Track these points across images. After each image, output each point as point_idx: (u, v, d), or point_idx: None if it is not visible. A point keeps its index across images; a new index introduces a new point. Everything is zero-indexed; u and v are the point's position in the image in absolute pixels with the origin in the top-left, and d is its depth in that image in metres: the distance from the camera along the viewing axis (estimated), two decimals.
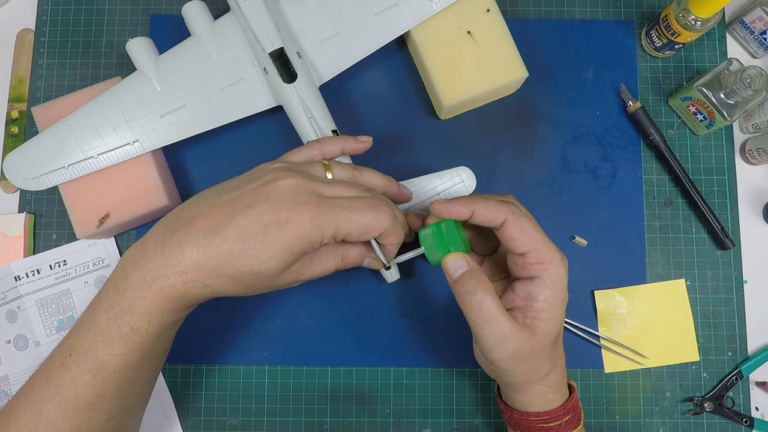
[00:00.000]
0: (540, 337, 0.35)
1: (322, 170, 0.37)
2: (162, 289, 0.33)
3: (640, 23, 0.52)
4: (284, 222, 0.32)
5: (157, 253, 0.33)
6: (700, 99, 0.47)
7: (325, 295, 0.48)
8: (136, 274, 0.33)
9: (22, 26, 0.52)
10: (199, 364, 0.48)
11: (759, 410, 0.48)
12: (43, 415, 0.33)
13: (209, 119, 0.45)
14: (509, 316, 0.35)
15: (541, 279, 0.35)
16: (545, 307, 0.35)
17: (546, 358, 0.36)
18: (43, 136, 0.44)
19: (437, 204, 0.37)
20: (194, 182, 0.50)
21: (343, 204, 0.34)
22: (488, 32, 0.46)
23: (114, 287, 0.34)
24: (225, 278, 0.33)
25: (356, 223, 0.34)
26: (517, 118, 0.50)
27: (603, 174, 0.50)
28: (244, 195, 0.34)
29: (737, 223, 0.50)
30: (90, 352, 0.33)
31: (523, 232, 0.35)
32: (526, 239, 0.35)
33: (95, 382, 0.33)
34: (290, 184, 0.34)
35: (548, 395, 0.37)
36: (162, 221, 0.35)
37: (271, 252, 0.33)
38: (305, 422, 0.47)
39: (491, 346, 0.35)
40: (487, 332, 0.35)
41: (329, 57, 0.46)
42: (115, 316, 0.33)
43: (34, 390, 0.34)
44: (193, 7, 0.45)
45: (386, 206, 0.35)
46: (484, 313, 0.34)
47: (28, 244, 0.48)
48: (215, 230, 0.33)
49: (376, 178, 0.39)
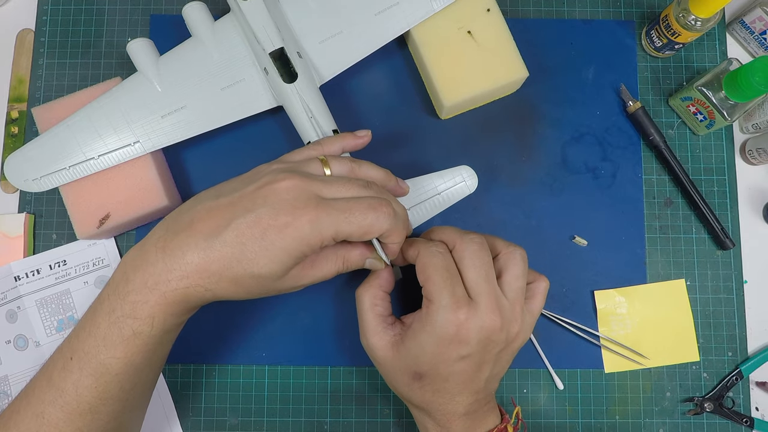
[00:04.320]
0: (396, 355, 0.38)
1: (319, 167, 0.37)
2: (164, 294, 0.33)
3: (640, 23, 0.52)
4: (283, 226, 0.32)
5: (158, 258, 0.33)
6: (700, 99, 0.47)
7: (325, 295, 0.48)
8: (138, 279, 0.33)
9: (22, 26, 0.52)
10: (199, 364, 0.48)
11: (759, 410, 0.48)
12: (45, 418, 0.33)
13: (210, 120, 0.45)
14: (379, 325, 0.39)
15: (421, 311, 0.37)
16: (411, 335, 0.37)
17: (403, 383, 0.38)
18: (44, 138, 0.44)
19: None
20: (194, 183, 0.49)
21: (342, 206, 0.33)
22: (488, 32, 0.46)
23: (115, 291, 0.34)
24: (226, 282, 0.33)
25: (356, 225, 0.33)
26: (517, 118, 0.50)
27: (603, 174, 0.50)
28: (242, 198, 0.34)
29: (737, 223, 0.50)
30: (92, 356, 0.33)
31: (422, 269, 0.37)
32: (422, 274, 0.37)
33: (97, 385, 0.33)
34: (288, 185, 0.33)
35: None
36: (161, 224, 0.35)
37: (271, 255, 0.32)
38: (305, 422, 0.47)
39: (361, 333, 0.40)
40: (360, 320, 0.40)
41: (330, 57, 0.46)
42: (117, 320, 0.33)
43: (35, 393, 0.34)
44: (193, 8, 0.45)
45: (386, 205, 0.35)
46: (358, 314, 0.40)
47: (28, 244, 0.48)
48: (214, 234, 0.32)
49: (374, 172, 0.39)
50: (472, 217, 0.49)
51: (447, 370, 0.37)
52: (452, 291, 0.36)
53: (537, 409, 0.48)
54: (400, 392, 0.40)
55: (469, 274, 0.37)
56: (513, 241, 0.49)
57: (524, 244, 0.49)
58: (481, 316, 0.36)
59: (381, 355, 0.39)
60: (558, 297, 0.49)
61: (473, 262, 0.37)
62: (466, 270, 0.37)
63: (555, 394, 0.48)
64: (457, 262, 0.37)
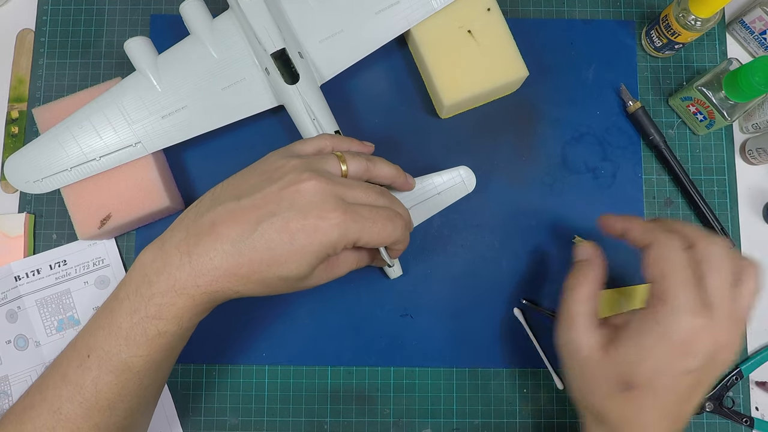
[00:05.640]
0: (605, 358, 0.34)
1: (337, 164, 0.36)
2: (193, 297, 0.33)
3: (640, 23, 0.52)
4: (312, 230, 0.32)
5: (184, 262, 0.33)
6: (700, 99, 0.47)
7: (325, 295, 0.48)
8: (162, 282, 0.33)
9: (22, 26, 0.52)
10: (199, 364, 0.48)
11: (759, 410, 0.48)
12: (63, 413, 0.34)
13: (211, 120, 0.45)
14: (590, 323, 0.36)
15: (645, 312, 0.34)
16: (630, 337, 0.33)
17: (604, 392, 0.34)
18: (44, 139, 0.44)
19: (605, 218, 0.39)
20: (196, 183, 0.49)
21: (366, 214, 0.34)
22: (489, 31, 0.46)
23: (136, 292, 0.33)
24: (253, 284, 0.33)
25: (377, 234, 0.34)
26: (517, 118, 0.50)
27: (603, 174, 0.50)
28: (266, 200, 0.33)
29: (737, 223, 0.50)
30: (113, 355, 0.33)
31: (656, 262, 0.34)
32: (655, 268, 0.34)
33: (118, 382, 0.34)
34: (314, 188, 0.33)
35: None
36: (179, 225, 0.35)
37: (300, 259, 0.33)
38: (305, 422, 0.47)
39: (559, 345, 0.37)
40: (558, 328, 0.37)
41: (330, 56, 0.46)
42: (141, 320, 0.33)
43: (49, 389, 0.34)
44: (190, 5, 0.44)
45: (401, 218, 0.36)
46: (564, 308, 0.38)
47: (28, 244, 0.48)
48: (242, 239, 0.32)
49: (387, 168, 0.39)
50: (473, 217, 0.49)
51: (667, 383, 0.33)
52: (695, 293, 0.32)
53: (537, 409, 0.48)
54: (594, 402, 0.36)
55: (712, 279, 0.32)
56: (513, 240, 0.49)
57: (524, 244, 0.49)
58: (718, 327, 0.32)
59: (586, 356, 0.35)
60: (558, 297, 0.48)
61: (720, 266, 0.33)
62: (710, 273, 0.33)
63: (555, 394, 0.48)
64: (698, 263, 0.33)
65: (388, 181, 0.40)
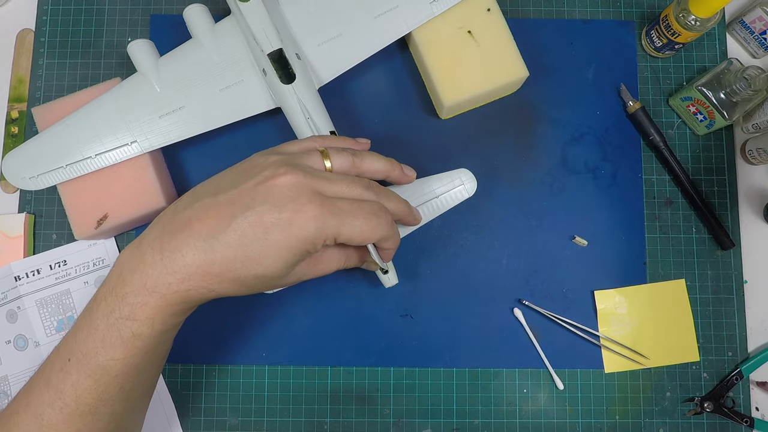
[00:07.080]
0: None
1: (320, 160, 0.35)
2: (164, 296, 0.32)
3: (640, 23, 0.52)
4: (287, 224, 0.31)
5: (156, 259, 0.32)
6: (700, 99, 0.47)
7: (325, 295, 0.48)
8: (136, 280, 0.32)
9: (22, 26, 0.52)
10: (199, 364, 0.48)
11: (759, 410, 0.48)
12: (44, 419, 0.33)
13: (208, 120, 0.45)
14: None
15: None
16: None
17: None
18: (43, 136, 0.44)
19: None
20: (192, 183, 0.49)
21: (345, 208, 0.33)
22: (489, 32, 0.46)
23: (112, 292, 0.33)
24: (228, 282, 0.32)
25: (359, 229, 0.33)
26: (517, 118, 0.50)
27: (603, 174, 0.50)
28: (241, 195, 0.32)
29: (737, 223, 0.50)
30: (90, 357, 0.33)
31: None
32: None
33: (97, 386, 0.33)
34: (290, 181, 0.32)
35: None
36: (157, 222, 0.34)
37: (275, 255, 0.32)
38: (305, 422, 0.47)
39: None
40: None
41: (329, 59, 0.46)
42: (116, 321, 0.32)
43: (33, 394, 0.34)
44: (194, 10, 0.45)
45: (386, 212, 0.35)
46: None
47: (28, 244, 0.48)
48: (215, 234, 0.31)
49: (378, 162, 0.38)
50: (472, 218, 0.49)
51: None
52: None
53: (537, 409, 0.48)
54: None
55: None
56: (513, 241, 0.49)
57: (524, 244, 0.49)
58: None
59: None
60: (558, 297, 0.49)
61: None
62: None
63: (555, 394, 0.48)
64: None
65: (380, 176, 0.39)
